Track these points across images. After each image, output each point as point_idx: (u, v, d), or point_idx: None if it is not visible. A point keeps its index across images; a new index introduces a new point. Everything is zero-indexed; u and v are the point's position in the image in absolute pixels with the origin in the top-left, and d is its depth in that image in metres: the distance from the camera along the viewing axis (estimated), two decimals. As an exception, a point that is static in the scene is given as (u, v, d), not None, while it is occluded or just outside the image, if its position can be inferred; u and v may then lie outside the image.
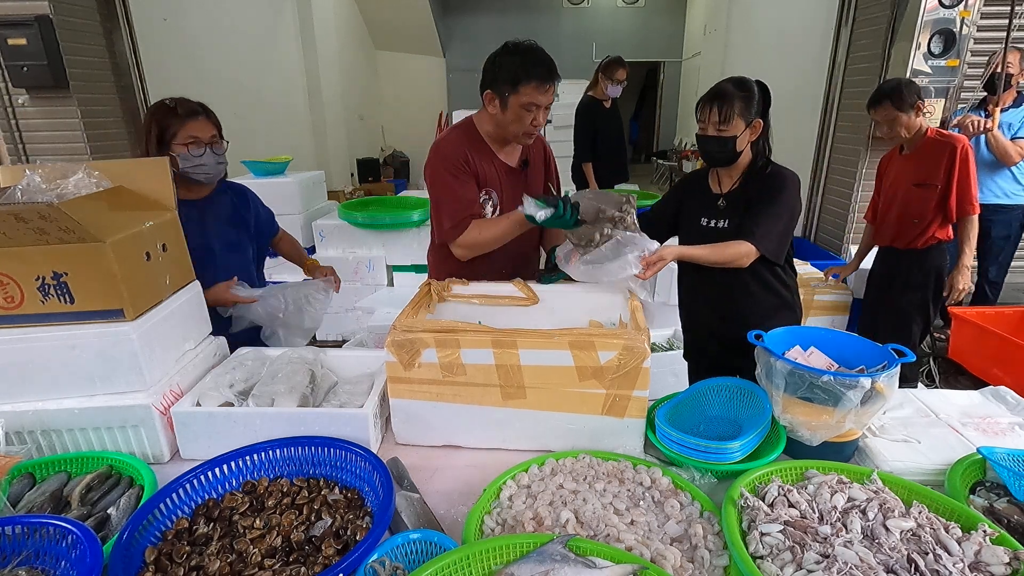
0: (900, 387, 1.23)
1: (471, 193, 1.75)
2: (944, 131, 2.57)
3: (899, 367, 1.17)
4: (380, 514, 1.00)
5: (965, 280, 2.56)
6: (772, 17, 6.49)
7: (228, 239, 1.85)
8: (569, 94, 5.63)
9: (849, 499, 1.00)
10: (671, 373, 1.54)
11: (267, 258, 2.11)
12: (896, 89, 2.45)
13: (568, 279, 1.63)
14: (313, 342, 1.80)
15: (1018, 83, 3.24)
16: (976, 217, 2.51)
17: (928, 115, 3.55)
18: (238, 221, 1.90)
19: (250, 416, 1.26)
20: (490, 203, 1.81)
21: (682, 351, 2.11)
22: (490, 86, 1.67)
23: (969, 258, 2.55)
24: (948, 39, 3.41)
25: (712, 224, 1.78)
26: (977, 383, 2.93)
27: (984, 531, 0.92)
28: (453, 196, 1.74)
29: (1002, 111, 3.24)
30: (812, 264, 3.40)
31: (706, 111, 1.65)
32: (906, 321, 2.69)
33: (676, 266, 1.85)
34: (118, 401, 1.24)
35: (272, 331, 1.79)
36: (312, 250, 3.67)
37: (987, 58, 3.38)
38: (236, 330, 1.73)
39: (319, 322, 1.86)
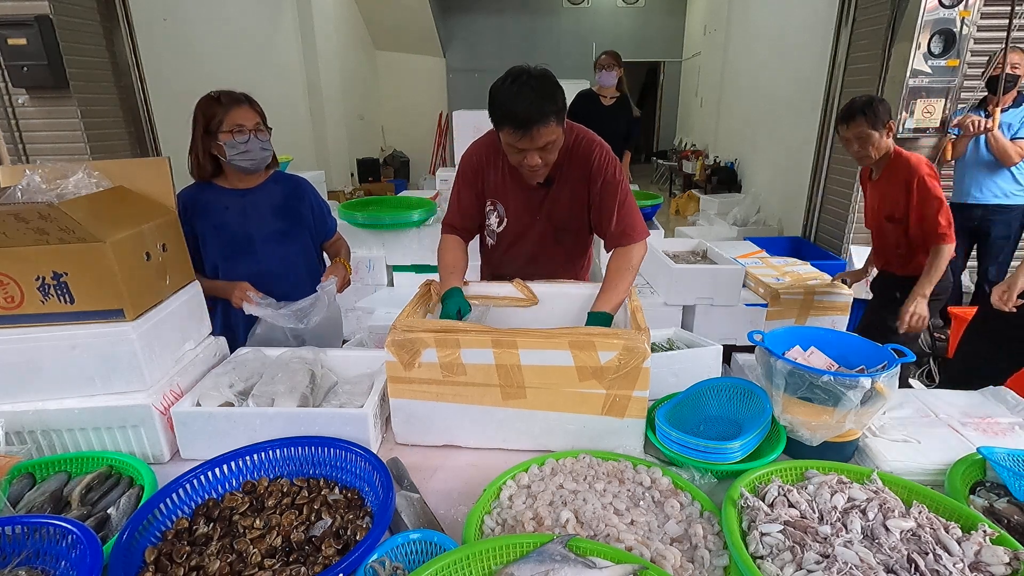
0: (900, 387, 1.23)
1: (466, 203, 1.77)
2: (904, 152, 2.34)
3: (899, 367, 1.17)
4: (380, 514, 1.00)
5: (920, 310, 2.28)
6: (772, 17, 6.49)
7: (273, 229, 1.87)
8: (568, 94, 5.63)
9: (849, 499, 1.00)
10: (671, 373, 1.54)
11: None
12: (869, 105, 2.28)
13: None
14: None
15: (1020, 83, 3.23)
16: (949, 247, 2.24)
17: (928, 115, 3.56)
18: (288, 212, 1.90)
19: (250, 416, 1.26)
20: (495, 214, 1.77)
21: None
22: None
23: (927, 287, 2.27)
24: (948, 39, 3.40)
25: None
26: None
27: (984, 531, 0.92)
28: (454, 198, 1.79)
29: (1002, 111, 3.23)
30: (812, 264, 3.40)
31: None
32: (912, 336, 2.53)
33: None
34: (118, 401, 1.24)
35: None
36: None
37: (988, 58, 3.38)
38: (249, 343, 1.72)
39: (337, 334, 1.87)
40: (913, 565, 0.86)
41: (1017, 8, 3.16)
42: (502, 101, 1.46)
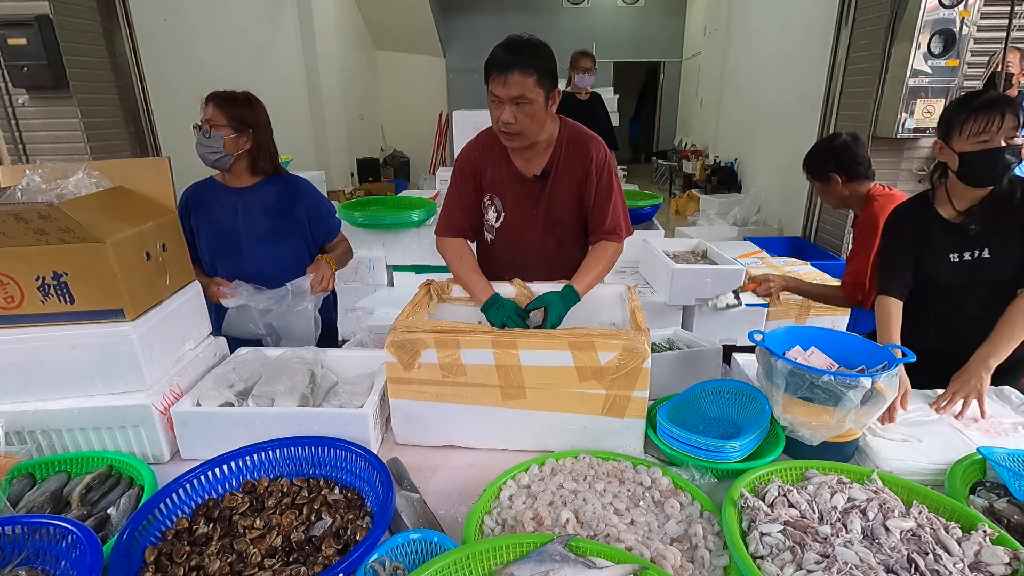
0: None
1: (466, 201, 1.74)
2: (879, 197, 1.97)
3: (899, 367, 1.17)
4: (380, 514, 1.00)
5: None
6: (772, 17, 6.48)
7: (262, 229, 1.88)
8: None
9: (849, 499, 1.00)
10: (671, 373, 1.54)
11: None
12: (812, 155, 2.10)
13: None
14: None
15: (1019, 82, 3.24)
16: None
17: (928, 115, 3.55)
18: (280, 212, 1.90)
19: (250, 416, 1.26)
20: (493, 209, 1.75)
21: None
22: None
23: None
24: (948, 39, 3.41)
25: (966, 257, 1.52)
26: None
27: (984, 531, 0.92)
28: (451, 198, 1.76)
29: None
30: (812, 264, 3.40)
31: (994, 119, 1.37)
32: None
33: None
34: (118, 401, 1.25)
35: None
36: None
37: (988, 58, 3.39)
38: (224, 333, 1.74)
39: (308, 328, 1.85)
40: (913, 565, 0.86)
41: (1017, 8, 3.16)
42: (492, 52, 1.49)
